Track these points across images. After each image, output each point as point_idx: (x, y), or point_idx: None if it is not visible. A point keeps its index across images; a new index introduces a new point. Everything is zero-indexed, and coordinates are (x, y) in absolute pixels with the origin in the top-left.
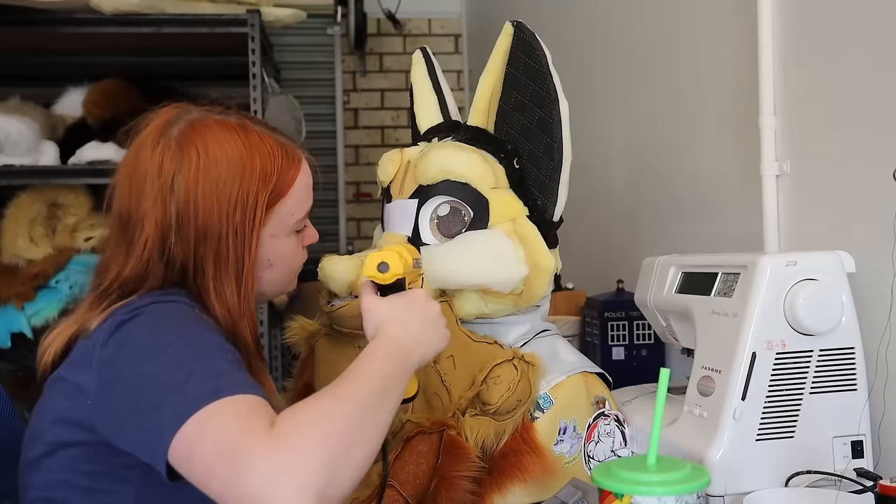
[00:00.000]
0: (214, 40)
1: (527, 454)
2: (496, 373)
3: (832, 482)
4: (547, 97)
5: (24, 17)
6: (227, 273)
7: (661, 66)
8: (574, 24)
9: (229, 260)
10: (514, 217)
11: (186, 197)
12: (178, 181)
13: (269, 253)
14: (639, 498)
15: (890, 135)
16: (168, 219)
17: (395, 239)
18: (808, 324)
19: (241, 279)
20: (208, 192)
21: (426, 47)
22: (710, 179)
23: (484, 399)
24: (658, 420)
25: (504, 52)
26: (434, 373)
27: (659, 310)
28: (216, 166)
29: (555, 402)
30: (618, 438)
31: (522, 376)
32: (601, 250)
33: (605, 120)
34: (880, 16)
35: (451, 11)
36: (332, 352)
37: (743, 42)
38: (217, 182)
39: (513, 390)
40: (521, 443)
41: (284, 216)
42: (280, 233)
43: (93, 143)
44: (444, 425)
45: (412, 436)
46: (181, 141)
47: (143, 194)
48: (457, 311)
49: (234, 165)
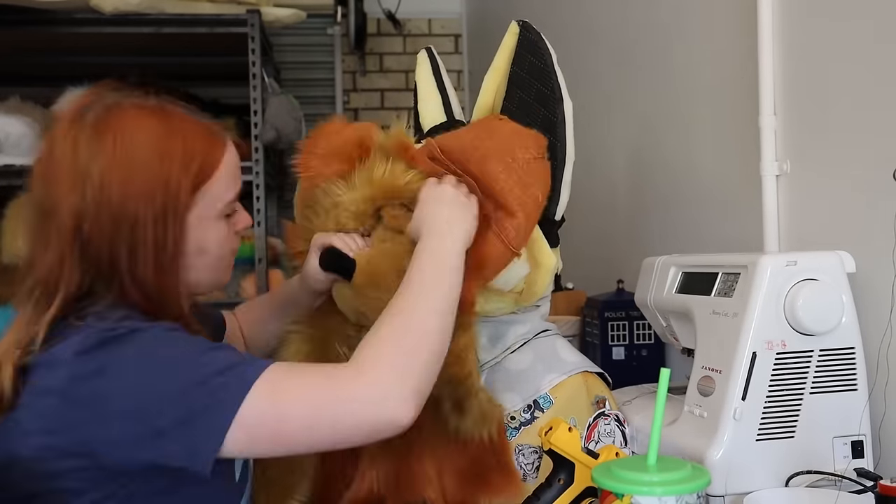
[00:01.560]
0: (214, 40)
1: (498, 473)
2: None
3: (832, 482)
4: (552, 96)
5: (24, 17)
6: (146, 260)
7: (661, 66)
8: (574, 24)
9: (148, 245)
10: None
11: (101, 182)
12: (94, 167)
13: (200, 238)
14: (639, 498)
15: (890, 135)
16: (83, 206)
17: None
18: (809, 324)
19: (163, 266)
20: (125, 177)
21: (431, 47)
22: (711, 179)
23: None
24: (658, 420)
25: (509, 52)
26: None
27: (659, 310)
28: (133, 150)
29: (555, 402)
30: (618, 438)
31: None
32: (601, 250)
33: (606, 120)
34: (880, 16)
35: (451, 11)
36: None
37: (743, 42)
38: (134, 166)
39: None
40: (494, 462)
41: (212, 199)
42: (208, 216)
43: None
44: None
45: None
46: (97, 126)
47: (58, 182)
48: None
49: (153, 148)
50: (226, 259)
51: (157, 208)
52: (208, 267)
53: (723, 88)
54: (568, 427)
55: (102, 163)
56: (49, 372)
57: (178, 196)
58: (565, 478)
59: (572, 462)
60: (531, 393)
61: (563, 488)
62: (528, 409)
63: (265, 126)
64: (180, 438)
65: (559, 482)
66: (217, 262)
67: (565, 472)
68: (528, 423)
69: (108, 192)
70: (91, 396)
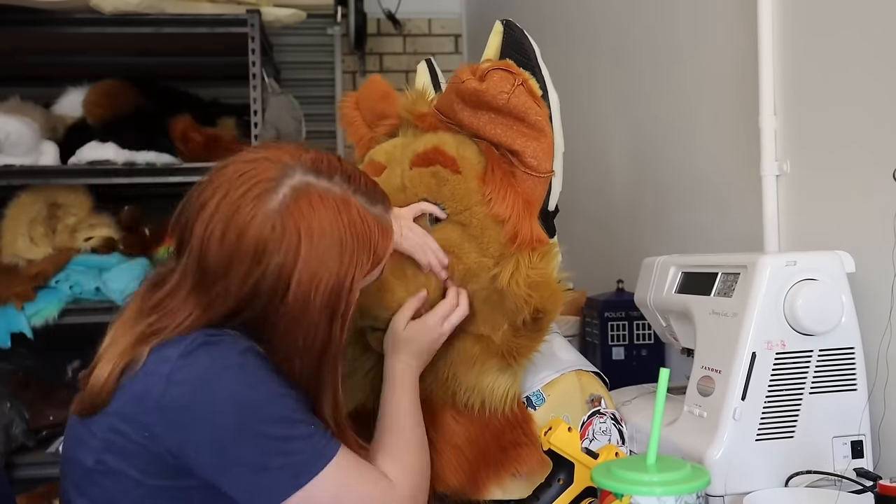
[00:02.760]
0: (214, 40)
1: (525, 447)
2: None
3: (832, 482)
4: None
5: (24, 17)
6: (308, 352)
7: (661, 67)
8: (574, 24)
9: (315, 340)
10: None
11: (279, 275)
12: (275, 260)
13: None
14: (639, 498)
15: (890, 135)
16: (255, 293)
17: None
18: (808, 324)
19: (324, 358)
20: (304, 279)
21: (432, 59)
22: (711, 179)
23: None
24: (658, 420)
25: (495, 50)
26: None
27: (659, 310)
28: (316, 252)
29: (547, 399)
30: (614, 437)
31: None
32: (601, 250)
33: (606, 120)
34: (880, 16)
35: (451, 11)
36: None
37: (743, 42)
38: (315, 267)
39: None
40: (521, 435)
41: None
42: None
43: (93, 143)
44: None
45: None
46: (284, 216)
47: (235, 259)
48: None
49: (334, 250)
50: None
51: (329, 305)
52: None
53: (723, 88)
54: (567, 427)
55: (285, 258)
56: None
57: (351, 294)
58: (565, 478)
59: (572, 462)
60: (524, 390)
61: (562, 488)
62: None
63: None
64: (247, 483)
65: (559, 482)
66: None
67: (565, 472)
68: None
69: (283, 286)
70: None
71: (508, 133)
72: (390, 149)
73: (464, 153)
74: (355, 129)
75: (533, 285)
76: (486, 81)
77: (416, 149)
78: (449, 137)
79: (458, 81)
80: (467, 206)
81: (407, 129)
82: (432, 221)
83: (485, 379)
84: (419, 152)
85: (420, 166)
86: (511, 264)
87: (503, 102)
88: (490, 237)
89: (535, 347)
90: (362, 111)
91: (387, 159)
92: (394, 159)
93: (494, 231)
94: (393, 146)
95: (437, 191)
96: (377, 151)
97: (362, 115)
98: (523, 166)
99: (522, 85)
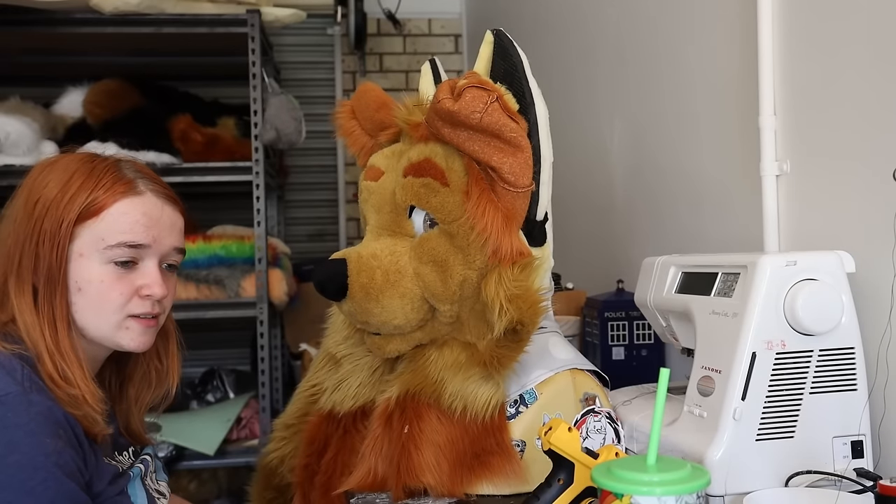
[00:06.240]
0: (214, 40)
1: (496, 455)
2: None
3: (832, 482)
4: (522, 100)
5: (24, 17)
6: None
7: (660, 66)
8: (573, 24)
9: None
10: None
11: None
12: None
13: (77, 274)
14: (639, 498)
15: (890, 135)
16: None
17: None
18: (808, 324)
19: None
20: (31, 202)
21: (435, 59)
22: (710, 179)
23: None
24: (658, 420)
25: (486, 60)
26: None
27: (659, 310)
28: (47, 185)
29: (539, 398)
30: (609, 435)
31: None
32: (601, 250)
33: (605, 120)
34: (880, 15)
35: (451, 11)
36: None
37: (743, 42)
38: (42, 193)
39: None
40: (493, 444)
41: (94, 237)
42: (89, 254)
43: (93, 143)
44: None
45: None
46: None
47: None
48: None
49: (61, 181)
50: (111, 308)
51: (47, 227)
52: (88, 310)
53: (723, 88)
54: (568, 427)
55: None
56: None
57: (62, 223)
58: (565, 478)
59: (572, 462)
60: (518, 388)
61: (562, 488)
62: (513, 405)
63: (265, 126)
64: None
65: (559, 482)
66: (97, 308)
67: (565, 472)
68: (513, 418)
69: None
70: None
71: (486, 150)
72: (389, 154)
73: (452, 165)
74: (355, 139)
75: (512, 298)
76: (459, 102)
77: (411, 157)
78: (440, 149)
79: (436, 101)
80: (454, 218)
81: (405, 136)
82: (431, 225)
83: (469, 385)
84: (412, 162)
85: (412, 175)
86: (493, 277)
87: (476, 122)
88: (474, 249)
89: (515, 357)
90: (361, 121)
91: (386, 165)
92: (391, 166)
93: (477, 244)
94: (392, 152)
95: (427, 201)
96: (377, 157)
97: (361, 124)
98: (502, 181)
99: (497, 101)
